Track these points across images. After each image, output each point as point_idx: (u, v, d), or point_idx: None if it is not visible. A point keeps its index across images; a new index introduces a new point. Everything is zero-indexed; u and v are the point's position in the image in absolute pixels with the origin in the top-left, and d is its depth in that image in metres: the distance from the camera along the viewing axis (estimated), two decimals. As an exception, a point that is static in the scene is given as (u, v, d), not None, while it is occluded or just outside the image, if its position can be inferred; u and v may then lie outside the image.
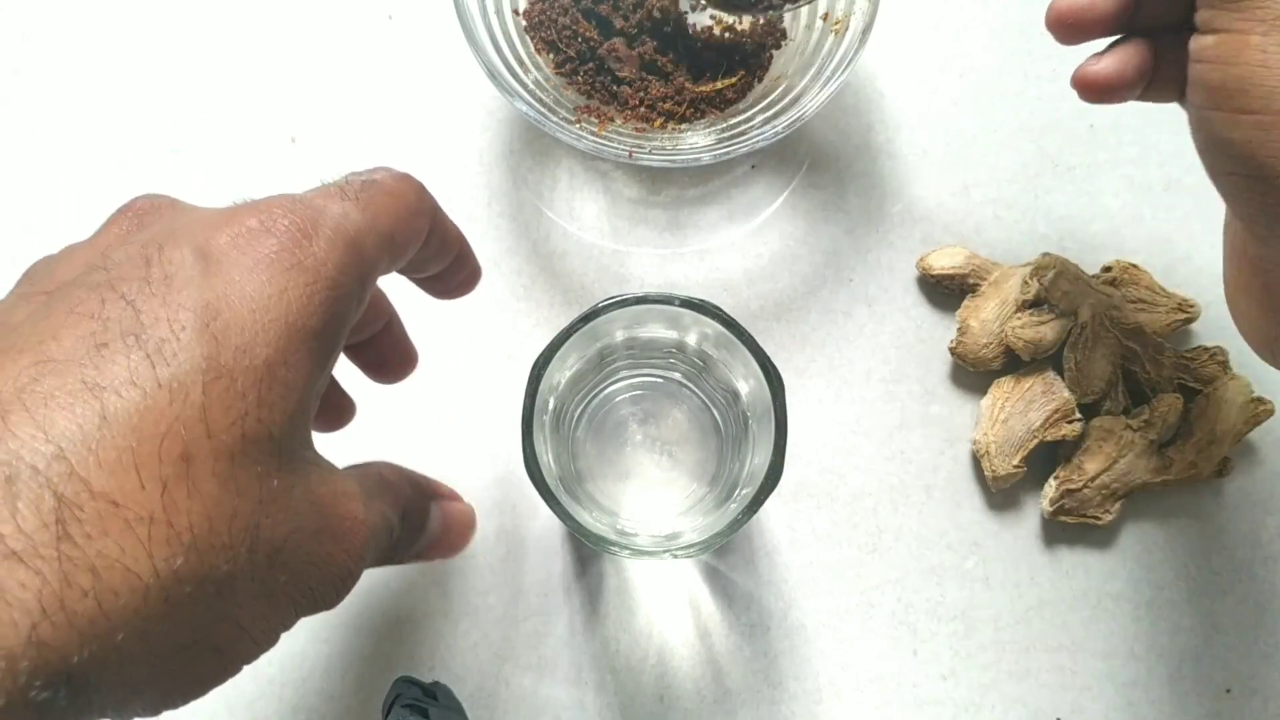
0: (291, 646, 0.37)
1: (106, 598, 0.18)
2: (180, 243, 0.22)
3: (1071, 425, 0.38)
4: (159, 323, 0.20)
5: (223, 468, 0.20)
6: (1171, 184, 0.43)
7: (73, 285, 0.22)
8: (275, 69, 0.45)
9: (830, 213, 0.43)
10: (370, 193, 0.25)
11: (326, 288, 0.23)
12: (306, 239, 0.23)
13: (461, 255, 0.30)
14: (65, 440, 0.18)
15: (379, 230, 0.25)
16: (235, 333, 0.21)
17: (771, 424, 0.31)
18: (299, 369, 0.22)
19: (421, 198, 0.27)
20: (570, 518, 0.30)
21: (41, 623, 0.17)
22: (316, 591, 0.23)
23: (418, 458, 0.39)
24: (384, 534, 0.25)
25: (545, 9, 0.42)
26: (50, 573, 0.17)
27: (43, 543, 0.17)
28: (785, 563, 0.39)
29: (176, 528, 0.19)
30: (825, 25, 0.41)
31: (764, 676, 0.37)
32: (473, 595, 0.38)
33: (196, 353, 0.20)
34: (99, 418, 0.19)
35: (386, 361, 0.33)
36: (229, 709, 0.36)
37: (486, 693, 0.37)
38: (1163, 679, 0.38)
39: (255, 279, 0.22)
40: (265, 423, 0.21)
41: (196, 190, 0.43)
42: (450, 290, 0.32)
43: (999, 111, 0.44)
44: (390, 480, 0.27)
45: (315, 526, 0.22)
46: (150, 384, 0.19)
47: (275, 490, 0.21)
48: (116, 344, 0.20)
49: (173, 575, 0.19)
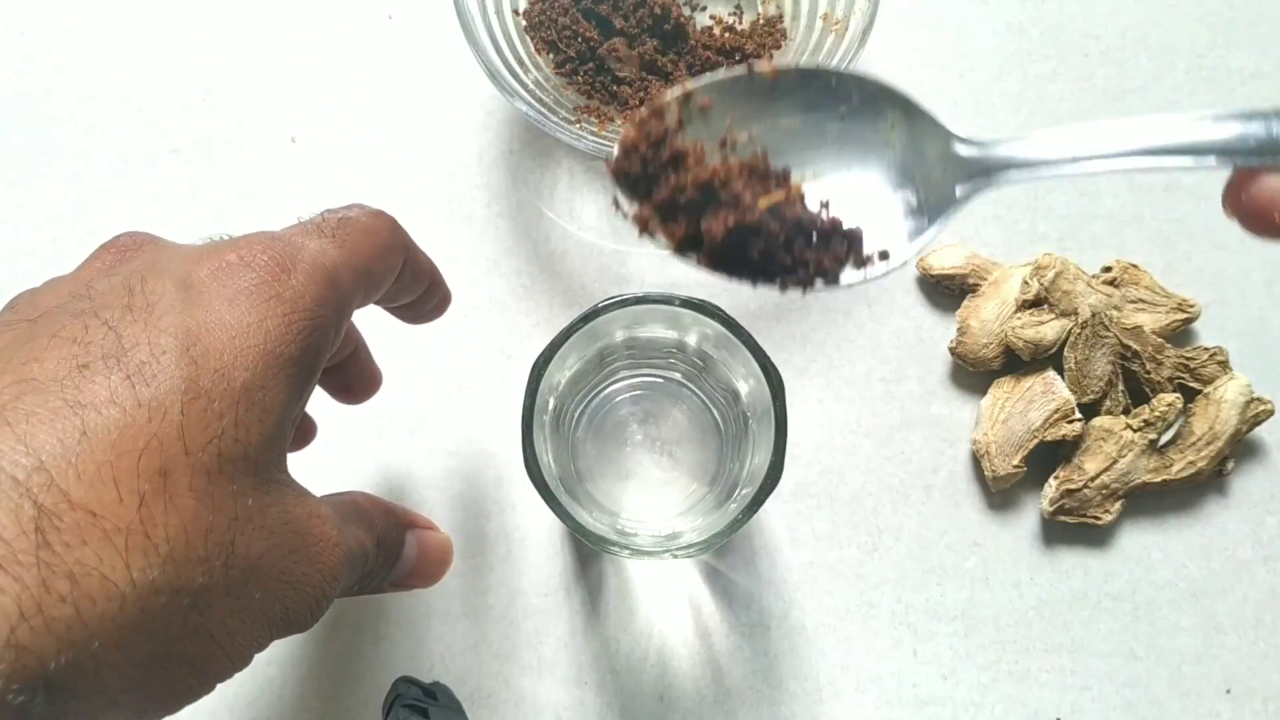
0: (291, 647, 0.37)
1: (84, 604, 0.18)
2: (162, 275, 0.23)
3: (1071, 425, 0.38)
4: (140, 346, 0.21)
5: (199, 484, 0.20)
6: (1171, 184, 0.43)
7: (56, 312, 0.22)
8: (275, 69, 0.45)
9: (830, 213, 0.43)
10: (346, 230, 0.26)
11: (304, 318, 0.23)
12: (285, 273, 0.23)
13: (433, 285, 0.31)
14: (45, 453, 0.19)
15: (355, 265, 0.26)
16: (214, 357, 0.21)
17: (771, 424, 0.31)
18: (276, 393, 0.22)
19: (395, 234, 0.28)
20: (570, 518, 0.30)
21: (20, 626, 0.17)
22: (290, 611, 0.23)
23: (418, 458, 0.40)
24: (358, 559, 0.26)
25: (545, 9, 0.42)
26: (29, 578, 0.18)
27: (22, 549, 0.18)
28: (785, 563, 0.39)
29: (153, 539, 0.19)
30: (825, 25, 0.41)
31: (764, 676, 0.37)
32: (473, 595, 0.38)
33: (176, 374, 0.21)
34: (79, 433, 0.19)
35: (352, 385, 0.34)
36: (229, 709, 0.36)
37: (486, 693, 0.37)
38: (1163, 679, 0.38)
39: (235, 309, 0.22)
40: (242, 443, 0.21)
41: (196, 190, 0.43)
42: (421, 317, 0.33)
43: (999, 111, 0.44)
44: (364, 508, 0.28)
45: (290, 546, 0.23)
46: (130, 403, 0.20)
47: (251, 509, 0.21)
48: (97, 365, 0.20)
49: (149, 585, 0.19)
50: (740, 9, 0.45)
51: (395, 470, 0.39)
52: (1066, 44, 0.45)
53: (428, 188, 0.43)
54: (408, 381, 0.40)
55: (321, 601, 0.24)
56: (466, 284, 0.41)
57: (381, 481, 0.39)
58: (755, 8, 0.45)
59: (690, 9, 0.44)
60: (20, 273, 0.42)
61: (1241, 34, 0.45)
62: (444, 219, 0.43)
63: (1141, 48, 0.45)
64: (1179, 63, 0.45)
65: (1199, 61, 0.45)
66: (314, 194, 0.43)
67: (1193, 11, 0.46)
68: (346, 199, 0.43)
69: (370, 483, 0.39)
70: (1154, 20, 0.45)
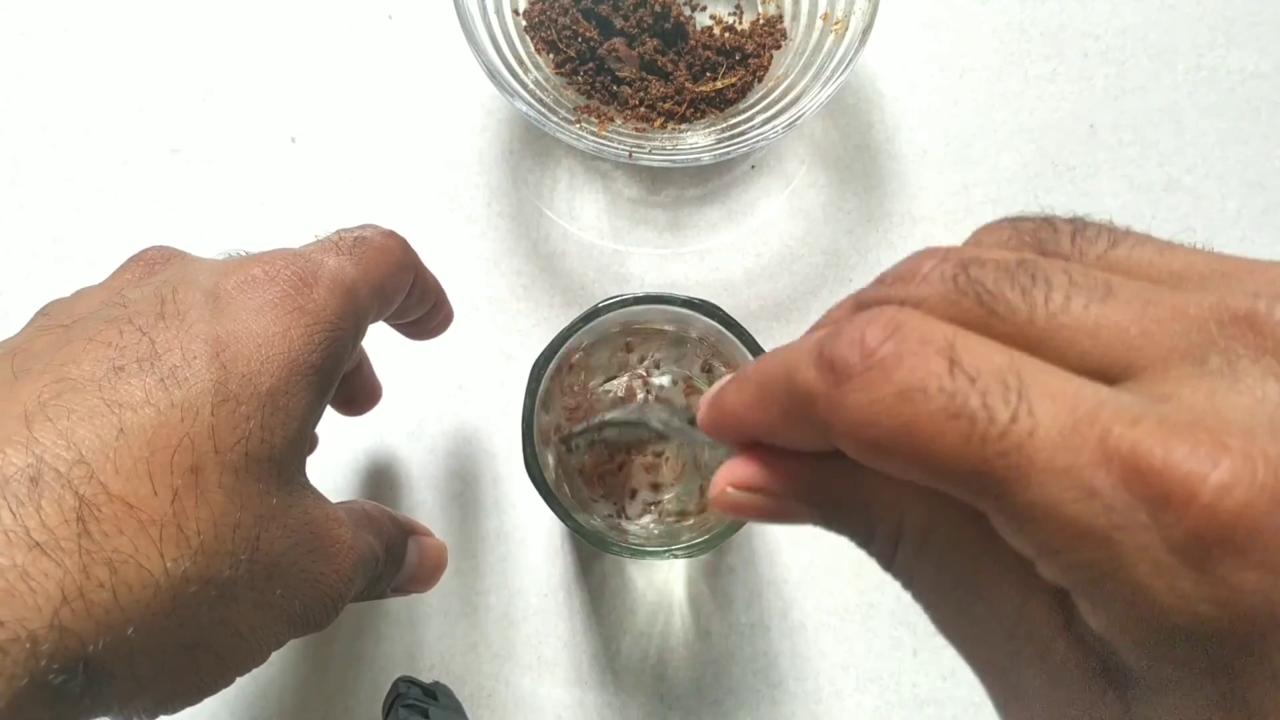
0: (292, 647, 0.37)
1: (121, 590, 0.19)
2: (192, 286, 0.24)
3: (1071, 425, 0.38)
4: (172, 351, 0.22)
5: (228, 481, 0.21)
6: (1171, 184, 0.43)
7: (90, 318, 0.24)
8: (275, 69, 0.45)
9: (830, 213, 0.43)
10: (362, 249, 0.27)
11: (326, 330, 0.25)
12: (308, 287, 0.25)
13: (438, 303, 0.33)
14: (85, 448, 0.20)
15: (371, 282, 0.27)
16: (242, 363, 0.23)
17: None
18: (299, 399, 0.24)
19: (407, 253, 0.29)
20: (570, 518, 0.30)
21: (62, 608, 0.18)
22: (309, 609, 0.24)
23: (418, 458, 0.40)
24: (370, 563, 0.27)
25: (545, 9, 0.42)
26: (71, 564, 0.19)
27: (64, 537, 0.19)
28: (785, 563, 0.39)
29: (185, 532, 0.20)
30: (825, 25, 0.41)
31: (764, 676, 0.37)
32: (473, 595, 0.38)
33: (206, 378, 0.22)
34: (116, 430, 0.20)
35: (355, 397, 0.35)
36: (229, 709, 0.36)
37: (486, 693, 0.37)
38: (1163, 679, 0.37)
39: (261, 319, 0.24)
40: (268, 444, 0.22)
41: (196, 190, 0.43)
42: (424, 333, 0.34)
43: (998, 111, 0.44)
44: (374, 515, 0.29)
45: (309, 546, 0.24)
46: (164, 403, 0.21)
47: (275, 508, 0.23)
48: (132, 368, 0.22)
49: (181, 575, 0.20)
50: (740, 9, 0.45)
51: (395, 470, 0.39)
52: (1066, 44, 0.45)
53: (428, 188, 0.43)
54: (408, 381, 0.40)
55: (338, 601, 0.25)
56: (466, 284, 0.41)
57: (381, 481, 0.39)
58: (755, 8, 0.45)
59: (690, 9, 0.44)
60: (21, 273, 0.42)
61: (1241, 34, 0.45)
62: (444, 219, 0.42)
63: (1141, 48, 0.45)
64: (1179, 63, 0.45)
65: (1199, 61, 0.45)
66: (314, 194, 0.43)
67: (1193, 11, 0.46)
68: (347, 199, 0.43)
69: (370, 483, 0.39)
70: (1154, 20, 0.45)
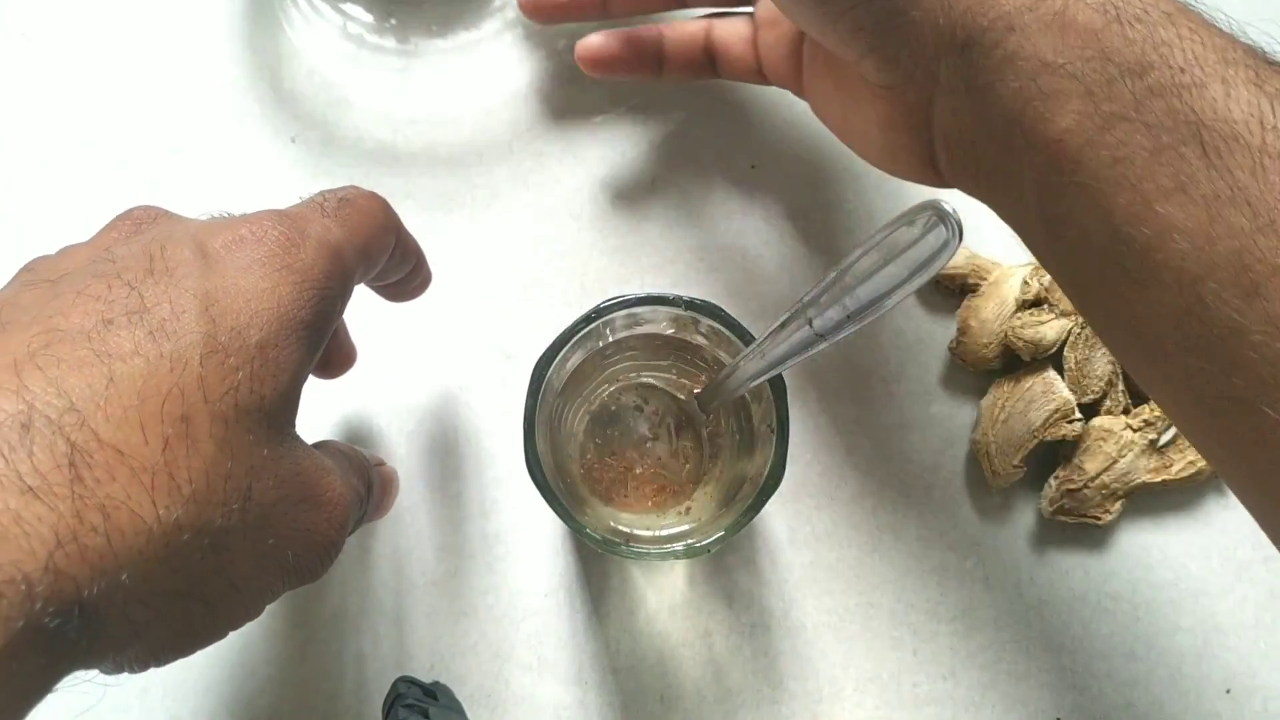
0: (292, 646, 0.37)
1: (115, 536, 0.19)
2: (180, 243, 0.24)
3: (1071, 425, 0.38)
4: (161, 305, 0.22)
5: (219, 430, 0.22)
6: (1171, 184, 0.43)
7: (78, 273, 0.24)
8: (275, 69, 0.45)
9: (830, 213, 0.43)
10: (346, 210, 0.28)
11: (314, 287, 0.25)
12: (295, 246, 0.25)
13: (418, 264, 0.33)
14: (76, 396, 0.20)
15: (355, 243, 0.27)
16: (231, 317, 0.23)
17: (773, 424, 0.31)
18: (289, 352, 0.24)
19: (389, 215, 0.30)
20: (570, 518, 0.30)
21: (56, 552, 0.18)
22: (301, 558, 0.24)
23: (417, 458, 0.40)
24: (357, 507, 0.27)
25: None
26: (64, 509, 0.19)
27: (57, 482, 0.19)
28: (785, 563, 0.39)
29: (177, 480, 0.20)
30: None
31: (764, 676, 0.37)
32: (473, 595, 0.38)
33: (195, 331, 0.22)
34: (106, 379, 0.20)
35: (331, 360, 0.35)
36: (229, 709, 0.36)
37: (486, 693, 0.37)
38: (1163, 679, 0.38)
39: (250, 276, 0.24)
40: (257, 394, 0.23)
41: (196, 190, 0.43)
42: (404, 295, 0.35)
43: (999, 112, 0.44)
44: (351, 456, 0.29)
45: (300, 496, 0.24)
46: (153, 354, 0.21)
47: (265, 459, 0.23)
48: (121, 321, 0.22)
49: (173, 523, 0.20)
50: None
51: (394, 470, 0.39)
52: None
53: (427, 187, 0.43)
54: (408, 381, 0.40)
55: (331, 550, 0.25)
56: (466, 283, 0.41)
57: (381, 481, 0.39)
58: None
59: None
60: (20, 272, 0.42)
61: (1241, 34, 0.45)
62: (444, 218, 0.42)
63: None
64: (1179, 63, 0.45)
65: (1199, 62, 0.45)
66: (314, 194, 0.43)
67: (1193, 12, 0.46)
68: (346, 199, 0.43)
69: (370, 483, 0.39)
70: (1154, 20, 0.45)
